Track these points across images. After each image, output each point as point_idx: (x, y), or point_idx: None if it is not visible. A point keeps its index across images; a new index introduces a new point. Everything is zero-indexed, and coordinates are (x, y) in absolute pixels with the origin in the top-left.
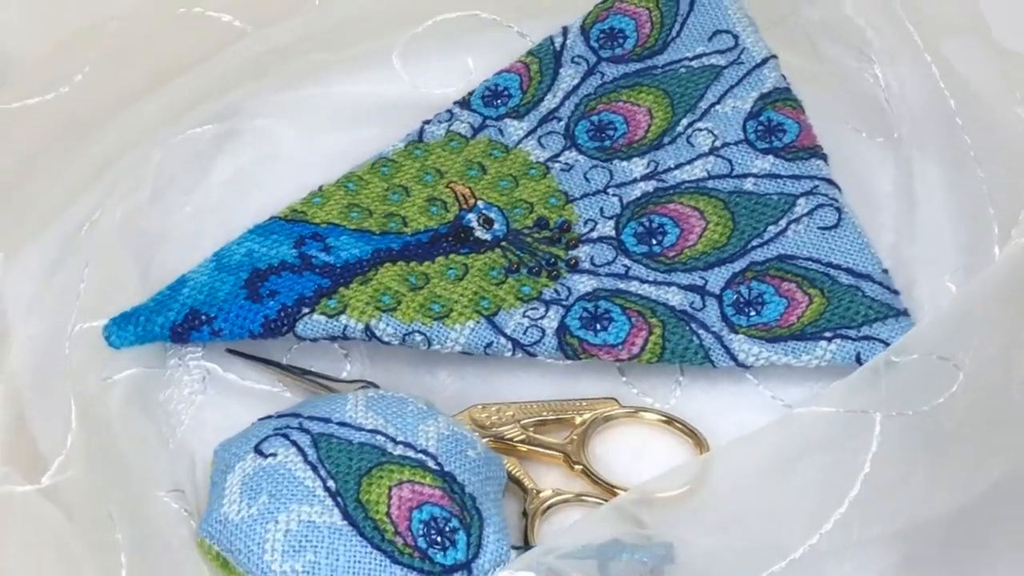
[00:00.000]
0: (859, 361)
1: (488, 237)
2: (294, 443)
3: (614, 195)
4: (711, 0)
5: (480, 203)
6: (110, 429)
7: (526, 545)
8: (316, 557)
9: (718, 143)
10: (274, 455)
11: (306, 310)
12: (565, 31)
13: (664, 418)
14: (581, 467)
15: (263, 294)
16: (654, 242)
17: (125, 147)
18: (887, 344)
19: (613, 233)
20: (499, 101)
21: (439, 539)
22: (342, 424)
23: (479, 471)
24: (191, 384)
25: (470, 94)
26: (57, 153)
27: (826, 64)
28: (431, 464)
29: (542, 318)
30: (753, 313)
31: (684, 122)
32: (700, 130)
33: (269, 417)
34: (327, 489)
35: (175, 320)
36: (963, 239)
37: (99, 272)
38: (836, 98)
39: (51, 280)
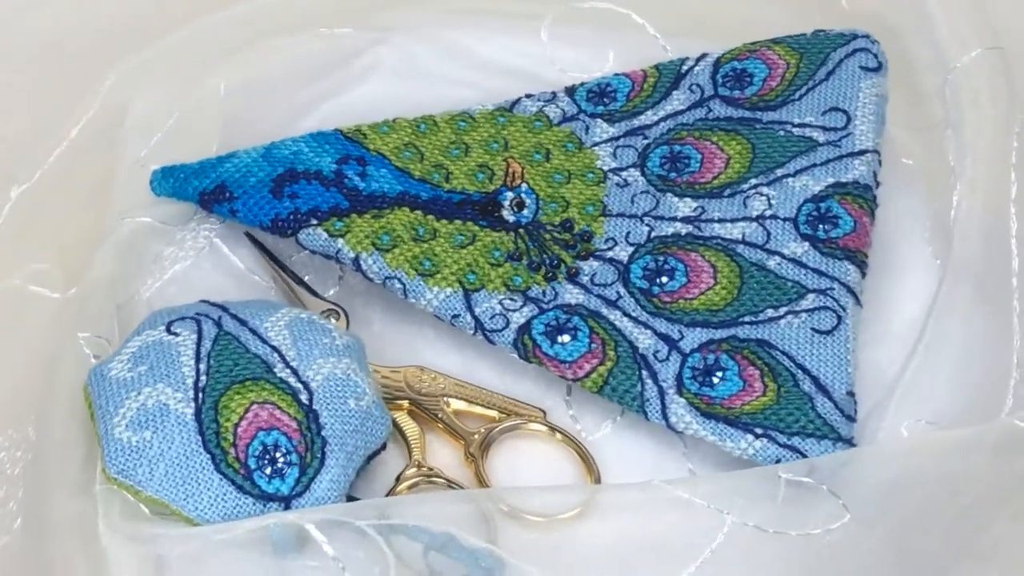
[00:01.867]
0: None
1: (511, 219)
2: (199, 331)
3: (647, 224)
4: (850, 76)
5: (524, 186)
6: (102, 264)
7: None
8: (152, 437)
9: (768, 212)
10: (176, 335)
11: (314, 221)
12: (701, 58)
13: (567, 441)
14: (472, 460)
15: (285, 193)
16: (657, 282)
17: (268, 28)
18: None
19: (625, 259)
20: (601, 100)
21: (269, 467)
22: (253, 332)
23: (349, 422)
24: (189, 249)
25: (581, 84)
26: (209, 12)
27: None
28: (303, 397)
29: (514, 311)
30: (706, 384)
31: (753, 182)
32: (761, 195)
33: (206, 301)
34: (196, 382)
35: (206, 188)
36: (965, 395)
37: (184, 125)
38: (937, 215)
39: (150, 120)
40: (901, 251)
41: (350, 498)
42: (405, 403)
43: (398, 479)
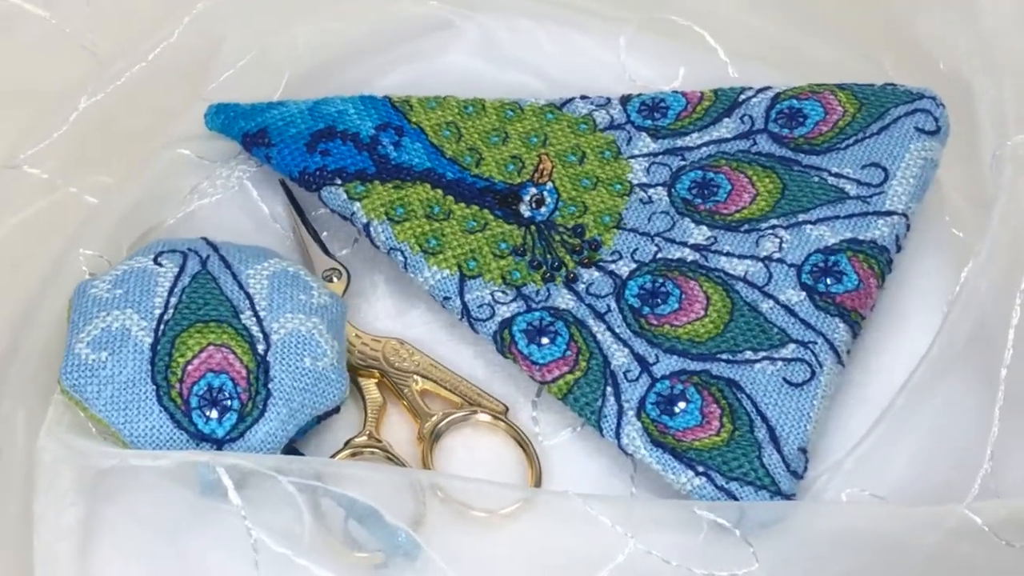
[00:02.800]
0: None
1: (527, 214)
2: (182, 266)
3: (656, 244)
4: (902, 135)
5: (550, 184)
6: (130, 187)
7: None
8: (107, 359)
9: (776, 255)
10: (160, 266)
11: (338, 181)
12: (762, 90)
13: (518, 440)
14: (421, 441)
15: (318, 149)
16: (650, 303)
17: None
18: None
19: (625, 275)
20: (652, 114)
21: (210, 408)
22: (234, 276)
23: (300, 380)
24: (220, 187)
25: (637, 95)
26: None
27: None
28: (260, 347)
29: (503, 304)
30: (666, 412)
31: (772, 222)
32: (776, 236)
33: (204, 239)
34: (162, 315)
35: (249, 130)
36: (930, 475)
37: (254, 67)
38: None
39: (224, 56)
40: (916, 320)
41: (295, 452)
42: (377, 373)
43: (346, 444)
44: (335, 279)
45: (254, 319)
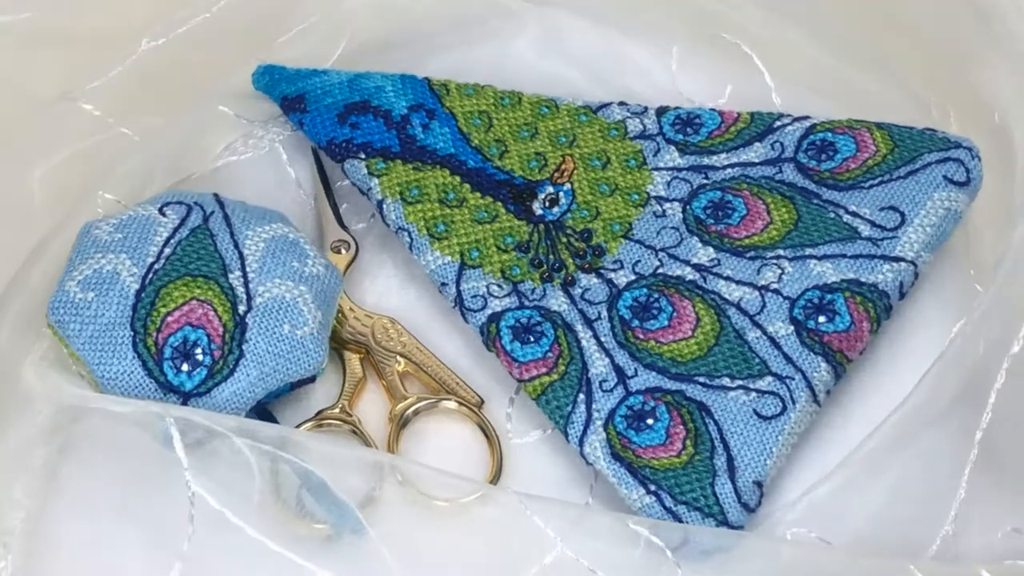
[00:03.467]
0: None
1: (538, 212)
2: (184, 218)
3: (659, 259)
4: (928, 182)
5: (568, 186)
6: (160, 138)
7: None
8: (92, 299)
9: (774, 285)
10: (164, 216)
11: (362, 155)
12: (798, 119)
13: (485, 433)
14: (391, 422)
15: (348, 121)
16: (641, 317)
17: None
18: None
19: (622, 285)
20: (684, 129)
21: (181, 360)
22: (232, 235)
23: (276, 345)
24: (251, 147)
25: (673, 108)
26: None
27: None
28: (241, 307)
29: (496, 297)
30: (632, 427)
31: (779, 252)
32: (779, 267)
33: (215, 195)
34: (153, 264)
35: (289, 93)
36: (889, 529)
37: (310, 34)
38: None
39: (283, 19)
40: (908, 369)
41: (266, 415)
42: (363, 349)
43: (316, 414)
44: (343, 251)
45: (241, 279)
